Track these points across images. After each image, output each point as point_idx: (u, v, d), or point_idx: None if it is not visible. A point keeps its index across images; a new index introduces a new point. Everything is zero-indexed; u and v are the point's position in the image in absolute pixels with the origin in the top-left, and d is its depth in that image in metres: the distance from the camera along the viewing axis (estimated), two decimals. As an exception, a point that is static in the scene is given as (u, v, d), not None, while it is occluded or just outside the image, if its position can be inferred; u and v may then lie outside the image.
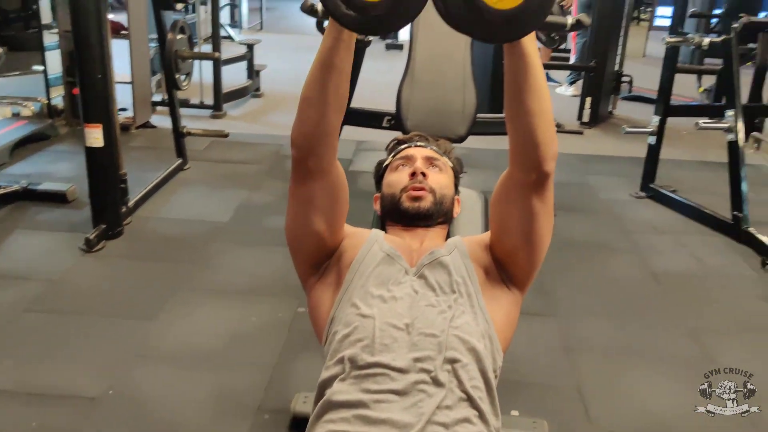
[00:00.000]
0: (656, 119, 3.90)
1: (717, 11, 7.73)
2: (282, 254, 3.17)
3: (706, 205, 3.77)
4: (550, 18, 3.23)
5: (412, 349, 1.19)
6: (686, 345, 2.58)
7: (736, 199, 3.46)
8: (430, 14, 1.11)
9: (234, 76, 5.79)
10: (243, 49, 5.74)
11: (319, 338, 1.38)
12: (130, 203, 3.36)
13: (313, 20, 3.18)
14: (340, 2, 1.02)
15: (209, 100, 5.31)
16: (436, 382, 1.15)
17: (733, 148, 3.48)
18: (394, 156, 1.59)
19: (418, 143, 1.62)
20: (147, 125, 4.88)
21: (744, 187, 3.45)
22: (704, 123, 3.52)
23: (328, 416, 1.16)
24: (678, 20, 3.87)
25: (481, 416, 1.16)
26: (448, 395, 1.15)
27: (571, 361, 2.45)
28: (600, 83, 5.52)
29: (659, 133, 3.92)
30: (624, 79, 5.99)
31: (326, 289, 1.38)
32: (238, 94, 5.64)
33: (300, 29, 10.51)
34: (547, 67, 6.07)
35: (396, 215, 1.49)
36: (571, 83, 6.59)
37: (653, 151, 3.98)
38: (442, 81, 3.20)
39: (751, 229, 3.40)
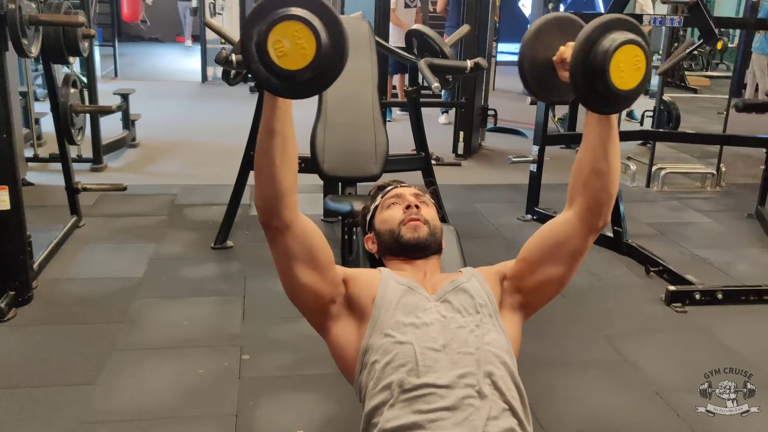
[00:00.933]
0: (536, 148, 4.28)
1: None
2: (208, 304, 3.17)
3: (586, 223, 4.17)
4: (451, 63, 3.50)
5: (454, 366, 1.30)
6: (604, 350, 2.87)
7: (615, 215, 3.87)
8: None
9: (108, 126, 5.60)
10: (117, 99, 5.57)
11: (348, 372, 1.45)
12: (35, 266, 3.19)
13: (174, 66, 3.18)
14: (271, 75, 1.17)
15: (87, 153, 5.11)
16: (481, 395, 1.27)
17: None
18: (383, 197, 1.71)
19: (403, 185, 1.75)
20: (24, 183, 4.60)
21: (621, 204, 3.87)
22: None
23: None
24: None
25: (521, 425, 1.30)
26: (493, 406, 1.27)
27: (510, 376, 2.64)
28: (470, 118, 5.92)
29: (540, 161, 4.29)
30: (489, 112, 6.46)
31: (347, 327, 1.46)
32: (116, 145, 5.47)
33: (155, 75, 10.29)
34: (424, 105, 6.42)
35: (397, 249, 1.60)
36: (444, 112, 7.10)
37: (535, 178, 4.35)
38: (354, 123, 3.36)
39: (631, 241, 3.82)
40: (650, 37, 6.02)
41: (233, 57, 3.07)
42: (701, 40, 3.39)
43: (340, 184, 3.47)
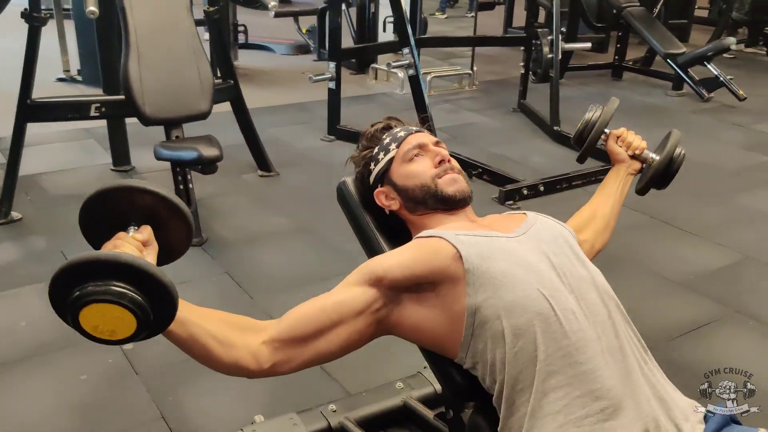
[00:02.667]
0: (332, 65, 4.14)
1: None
2: (35, 294, 2.59)
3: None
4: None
5: (583, 303, 1.21)
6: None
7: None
8: None
9: None
10: None
11: (445, 342, 1.26)
12: None
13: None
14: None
15: None
16: (616, 327, 1.21)
17: (414, 81, 3.94)
18: (398, 146, 1.48)
19: (412, 128, 1.53)
20: None
21: (429, 110, 3.96)
22: (395, 63, 3.89)
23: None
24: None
25: (646, 351, 1.27)
26: (631, 338, 1.23)
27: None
28: (226, 35, 5.48)
29: (338, 77, 4.17)
30: (240, 28, 6.07)
31: (426, 302, 1.24)
32: None
33: None
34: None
35: (435, 203, 1.42)
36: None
37: (334, 95, 4.23)
38: (172, 55, 2.93)
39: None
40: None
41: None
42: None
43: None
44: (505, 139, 4.52)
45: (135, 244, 1.10)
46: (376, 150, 1.51)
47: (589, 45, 5.01)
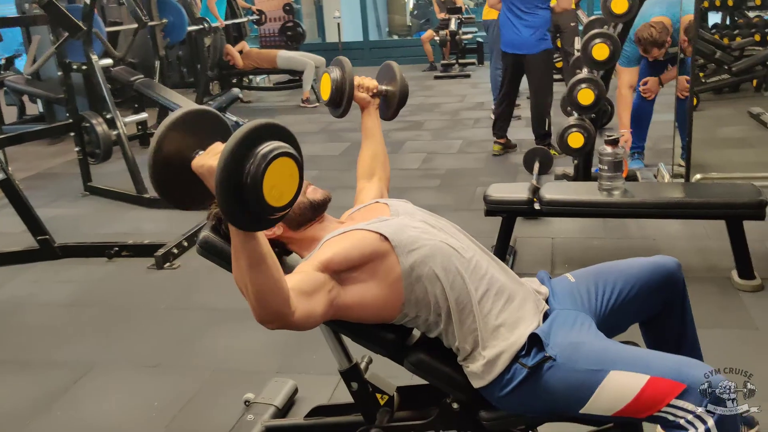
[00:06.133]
0: None
1: None
2: None
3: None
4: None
5: (459, 240, 1.71)
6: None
7: (34, 225, 3.71)
8: None
9: None
10: None
11: (388, 307, 1.61)
12: None
13: None
14: (263, 219, 1.21)
15: None
16: (488, 255, 1.73)
17: (6, 184, 3.64)
18: None
19: None
20: None
21: (35, 213, 3.73)
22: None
23: (491, 304, 1.62)
24: None
25: None
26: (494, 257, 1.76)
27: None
28: None
29: None
30: None
31: (365, 276, 1.58)
32: None
33: None
34: None
35: (313, 213, 1.72)
36: None
37: None
38: None
39: (63, 243, 3.78)
40: None
41: None
42: (67, 34, 3.47)
43: None
44: (103, 221, 4.46)
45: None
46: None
47: (146, 116, 5.24)
